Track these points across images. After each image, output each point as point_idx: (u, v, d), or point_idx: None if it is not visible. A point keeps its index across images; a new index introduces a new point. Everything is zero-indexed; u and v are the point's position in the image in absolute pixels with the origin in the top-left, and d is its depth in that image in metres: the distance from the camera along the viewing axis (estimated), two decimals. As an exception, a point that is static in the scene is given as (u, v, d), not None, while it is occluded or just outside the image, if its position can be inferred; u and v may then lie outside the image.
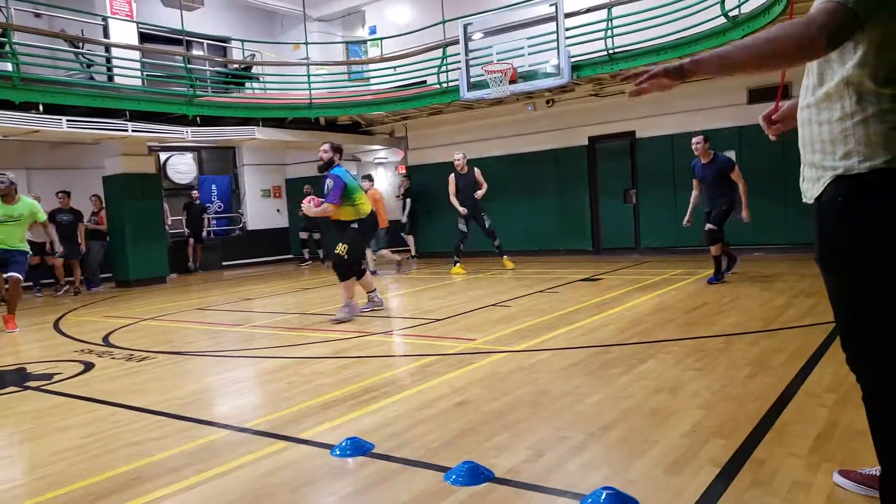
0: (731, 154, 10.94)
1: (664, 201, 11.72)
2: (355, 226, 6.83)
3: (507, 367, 4.41)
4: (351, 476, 2.81)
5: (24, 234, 8.01)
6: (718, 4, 9.02)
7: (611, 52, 10.52)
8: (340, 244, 6.80)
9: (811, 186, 2.03)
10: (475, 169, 10.84)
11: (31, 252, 8.26)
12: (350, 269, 6.87)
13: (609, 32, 10.47)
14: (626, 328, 5.49)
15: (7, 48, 9.80)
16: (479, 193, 10.72)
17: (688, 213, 8.36)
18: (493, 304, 7.27)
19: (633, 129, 12.13)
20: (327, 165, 6.86)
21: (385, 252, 11.50)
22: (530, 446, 2.98)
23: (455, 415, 3.48)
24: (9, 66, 9.85)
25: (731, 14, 9.02)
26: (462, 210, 10.85)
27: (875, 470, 2.25)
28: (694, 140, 8.07)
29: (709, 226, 7.81)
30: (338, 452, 3.05)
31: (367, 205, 6.94)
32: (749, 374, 3.88)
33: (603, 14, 10.68)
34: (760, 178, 9.92)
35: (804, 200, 2.09)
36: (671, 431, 3.04)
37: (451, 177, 10.95)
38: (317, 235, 14.98)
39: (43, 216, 8.25)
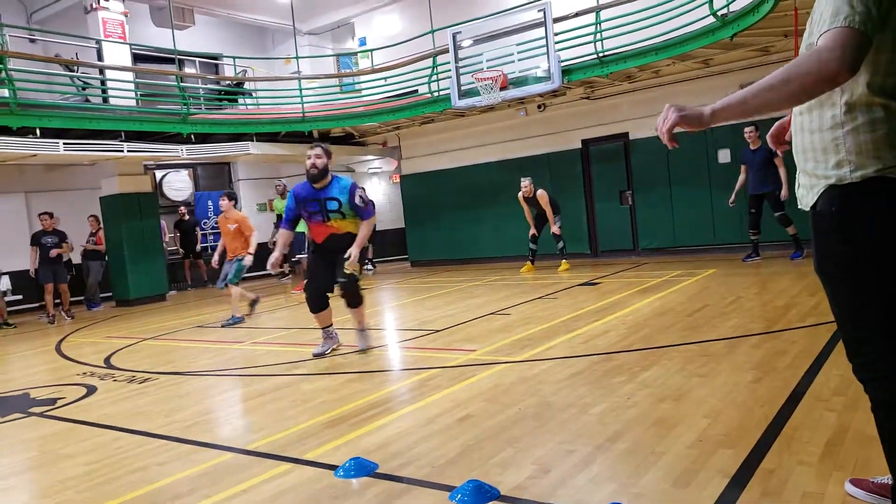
0: (727, 153, 10.98)
1: (660, 202, 11.73)
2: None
3: (510, 379, 4.40)
4: (355, 498, 2.79)
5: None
6: (707, 4, 9.05)
7: (601, 54, 10.54)
8: (349, 263, 5.48)
9: (806, 194, 2.03)
10: (538, 191, 10.89)
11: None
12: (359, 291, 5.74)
13: (598, 35, 10.50)
14: (627, 334, 5.47)
15: (3, 74, 9.83)
16: (555, 229, 10.94)
17: (732, 195, 9.60)
18: (492, 313, 7.25)
19: (627, 131, 12.13)
20: (325, 172, 5.57)
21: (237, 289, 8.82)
22: (536, 461, 2.96)
23: (458, 430, 3.46)
24: (5, 92, 9.89)
25: (720, 13, 9.04)
26: (532, 231, 11.32)
27: (887, 478, 2.23)
28: (746, 129, 9.30)
29: (777, 214, 9.15)
30: (342, 473, 3.03)
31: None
32: (754, 379, 3.86)
33: (591, 17, 10.71)
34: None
35: (800, 207, 2.08)
36: (677, 442, 3.01)
37: (520, 197, 11.11)
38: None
39: None
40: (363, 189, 5.67)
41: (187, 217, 14.86)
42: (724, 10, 9.05)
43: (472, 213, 13.97)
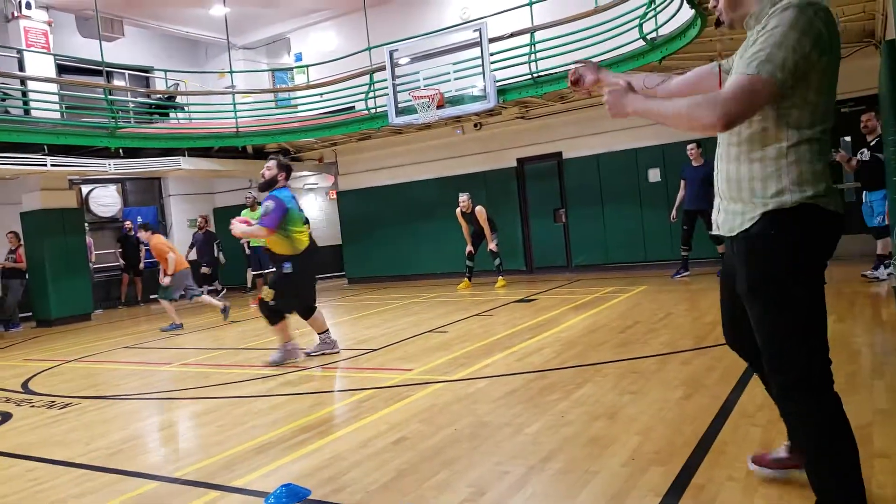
0: (657, 172, 11.35)
1: (593, 219, 12.01)
2: (289, 266, 5.96)
3: (445, 399, 4.38)
4: (287, 527, 2.72)
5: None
6: (637, 28, 9.37)
7: (535, 75, 10.76)
8: (267, 288, 6.07)
9: (734, 219, 2.14)
10: (476, 207, 10.96)
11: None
12: (276, 314, 6.05)
13: (533, 56, 10.72)
14: (562, 351, 5.55)
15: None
16: (492, 245, 11.02)
17: (673, 210, 9.89)
18: (429, 331, 7.23)
19: (560, 150, 12.40)
20: (269, 184, 5.98)
21: (206, 297, 10.11)
22: (471, 483, 2.94)
23: (393, 453, 3.42)
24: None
25: (649, 37, 9.38)
26: (469, 248, 11.32)
27: (782, 450, 2.61)
28: (689, 146, 9.68)
29: (711, 233, 8.88)
30: (272, 501, 2.94)
31: (305, 239, 6.05)
32: (684, 396, 3.97)
33: (526, 38, 10.93)
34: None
35: (715, 232, 2.24)
36: (611, 461, 3.05)
37: (458, 212, 11.15)
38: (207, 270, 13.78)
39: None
40: (274, 202, 5.82)
41: (132, 232, 14.23)
42: (654, 34, 9.40)
43: (409, 230, 13.96)
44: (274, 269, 6.23)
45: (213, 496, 3.09)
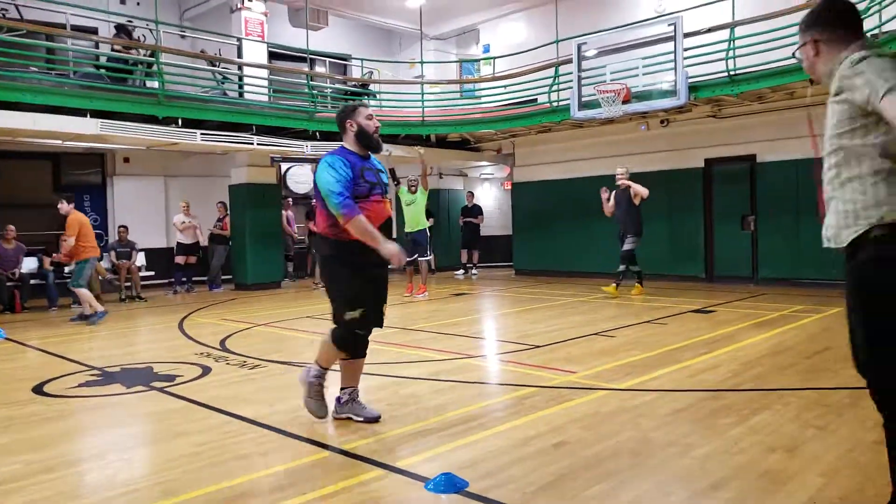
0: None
1: (786, 230, 11.05)
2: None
3: (609, 408, 4.27)
4: (444, 514, 2.81)
5: (420, 218, 11.18)
6: (858, 23, 8.40)
7: (732, 73, 10.06)
8: (347, 309, 3.92)
9: None
10: (630, 184, 10.38)
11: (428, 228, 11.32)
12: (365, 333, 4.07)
13: (731, 53, 10.03)
14: (739, 371, 5.19)
15: (156, 68, 10.72)
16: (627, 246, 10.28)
17: None
18: (595, 333, 7.08)
19: (755, 153, 11.52)
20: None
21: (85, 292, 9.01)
22: (631, 500, 2.85)
23: (552, 456, 3.40)
24: (155, 84, 10.74)
25: (870, 34, 8.38)
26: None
27: None
28: None
29: None
30: (431, 487, 3.05)
31: None
32: (880, 439, 3.53)
33: (725, 34, 10.25)
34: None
35: None
36: (787, 499, 2.82)
37: (612, 193, 10.78)
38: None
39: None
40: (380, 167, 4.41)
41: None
42: (876, 31, 8.40)
43: (582, 226, 13.72)
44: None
45: (378, 473, 3.26)
